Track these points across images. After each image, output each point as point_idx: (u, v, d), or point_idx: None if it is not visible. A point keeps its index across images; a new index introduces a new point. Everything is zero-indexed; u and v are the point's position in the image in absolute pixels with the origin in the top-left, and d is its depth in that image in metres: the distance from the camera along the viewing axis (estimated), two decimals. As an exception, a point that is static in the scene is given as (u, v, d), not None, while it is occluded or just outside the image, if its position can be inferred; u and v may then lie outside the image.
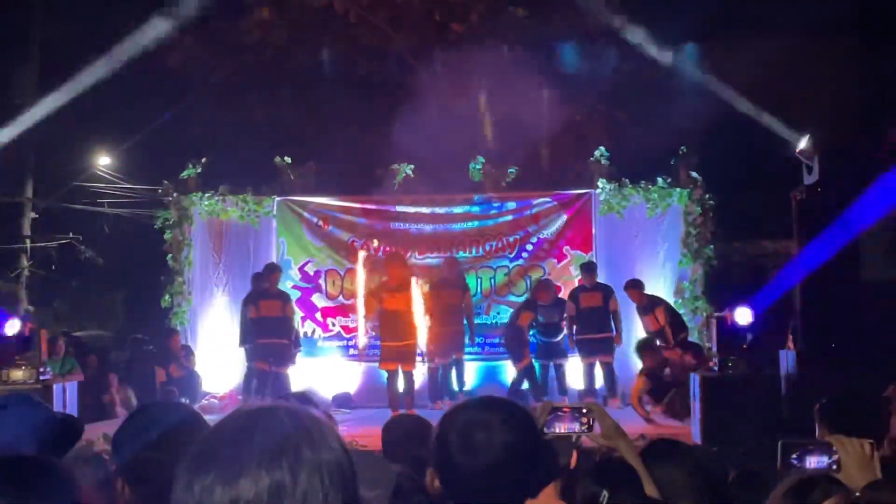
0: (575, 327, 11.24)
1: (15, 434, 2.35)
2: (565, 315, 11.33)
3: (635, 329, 11.38)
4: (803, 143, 10.91)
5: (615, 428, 2.42)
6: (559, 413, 2.37)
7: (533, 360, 11.36)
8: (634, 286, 11.17)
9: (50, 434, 2.46)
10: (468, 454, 1.91)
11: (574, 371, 11.50)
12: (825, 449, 2.27)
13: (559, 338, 11.41)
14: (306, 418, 1.24)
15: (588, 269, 11.42)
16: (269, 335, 10.77)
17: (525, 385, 11.30)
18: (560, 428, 2.34)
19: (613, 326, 11.20)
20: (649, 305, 11.04)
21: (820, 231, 8.58)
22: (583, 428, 2.35)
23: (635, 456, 2.45)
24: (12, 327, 9.38)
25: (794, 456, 2.28)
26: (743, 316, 8.80)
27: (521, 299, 11.97)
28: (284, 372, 10.92)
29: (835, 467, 2.25)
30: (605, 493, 2.14)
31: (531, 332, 11.54)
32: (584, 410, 2.39)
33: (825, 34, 13.83)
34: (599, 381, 11.27)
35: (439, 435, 1.98)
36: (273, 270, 11.19)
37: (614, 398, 10.98)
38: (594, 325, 11.11)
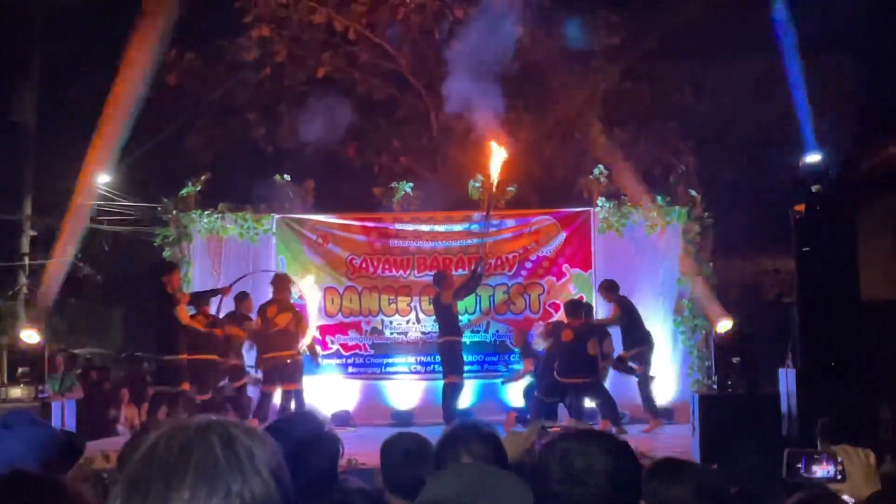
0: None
1: (17, 452, 2.35)
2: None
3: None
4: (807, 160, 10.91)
5: None
6: (549, 433, 2.38)
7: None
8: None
9: (52, 452, 2.46)
10: (568, 483, 1.91)
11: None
12: (831, 458, 2.26)
13: None
14: (240, 444, 1.24)
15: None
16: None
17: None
18: None
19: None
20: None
21: (819, 248, 8.54)
22: None
23: None
24: None
25: (799, 465, 2.27)
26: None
27: (521, 317, 12.00)
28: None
29: (840, 477, 2.24)
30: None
31: None
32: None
33: (824, 52, 13.89)
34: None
35: (539, 465, 1.98)
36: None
37: (606, 420, 10.82)
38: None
